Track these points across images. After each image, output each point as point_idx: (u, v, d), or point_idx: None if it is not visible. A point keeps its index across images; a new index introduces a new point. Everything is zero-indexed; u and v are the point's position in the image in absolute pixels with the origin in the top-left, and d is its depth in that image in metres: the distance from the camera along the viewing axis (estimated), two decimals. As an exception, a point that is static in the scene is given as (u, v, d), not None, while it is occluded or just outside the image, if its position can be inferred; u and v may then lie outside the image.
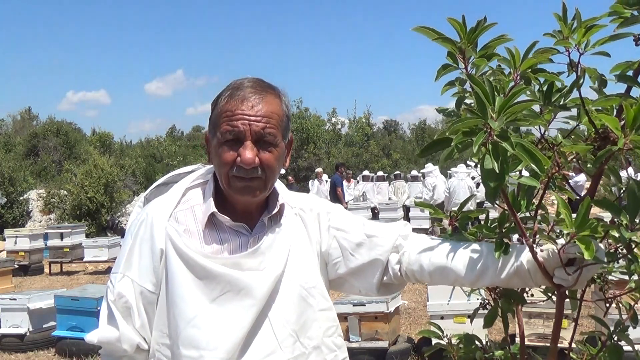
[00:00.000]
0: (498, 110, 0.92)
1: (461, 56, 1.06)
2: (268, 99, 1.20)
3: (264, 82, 1.24)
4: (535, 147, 0.92)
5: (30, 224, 16.67)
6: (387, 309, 4.62)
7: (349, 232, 1.31)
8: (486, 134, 0.91)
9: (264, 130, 1.17)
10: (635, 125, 0.91)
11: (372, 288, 1.31)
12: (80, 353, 5.24)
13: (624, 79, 1.04)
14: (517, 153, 0.91)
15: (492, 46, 1.08)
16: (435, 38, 1.06)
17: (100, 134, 30.06)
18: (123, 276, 1.22)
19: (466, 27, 1.05)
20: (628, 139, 0.91)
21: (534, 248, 1.06)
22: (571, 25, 1.05)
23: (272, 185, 1.25)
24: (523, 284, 1.16)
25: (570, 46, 1.06)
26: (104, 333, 1.22)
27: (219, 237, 1.23)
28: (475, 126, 0.93)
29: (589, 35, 1.04)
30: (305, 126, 26.53)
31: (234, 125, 1.17)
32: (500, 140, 0.91)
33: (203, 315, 1.16)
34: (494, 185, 0.94)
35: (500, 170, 0.92)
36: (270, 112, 1.19)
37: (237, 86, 1.21)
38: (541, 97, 1.09)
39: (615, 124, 0.92)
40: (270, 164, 1.19)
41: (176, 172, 1.37)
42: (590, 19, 1.04)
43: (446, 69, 1.09)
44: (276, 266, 1.21)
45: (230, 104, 1.18)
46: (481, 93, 0.93)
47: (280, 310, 1.20)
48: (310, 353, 1.23)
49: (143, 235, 1.23)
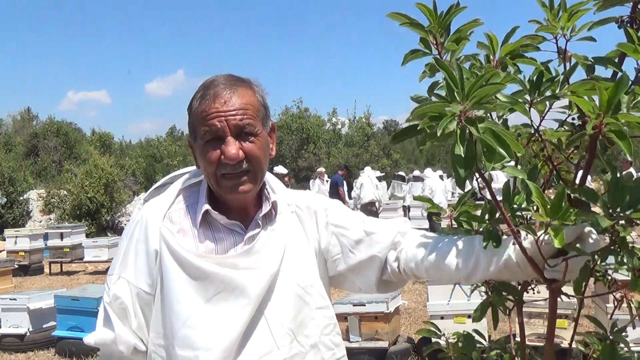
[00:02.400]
0: (467, 94, 0.88)
1: (434, 41, 1.03)
2: (240, 91, 1.20)
3: (234, 76, 1.24)
4: (508, 133, 0.89)
5: (30, 224, 16.65)
6: (387, 309, 4.61)
7: (348, 228, 1.31)
8: (452, 117, 0.88)
9: (241, 122, 1.17)
10: (609, 108, 0.87)
11: (372, 285, 1.30)
12: (80, 353, 5.23)
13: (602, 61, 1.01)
14: (485, 137, 0.87)
15: (464, 30, 1.04)
16: (403, 22, 1.03)
17: (100, 134, 30.04)
18: (119, 278, 1.22)
19: (437, 12, 1.02)
20: (600, 121, 0.87)
21: (519, 238, 1.03)
22: (557, 11, 1.02)
23: (262, 177, 1.24)
24: (514, 277, 1.14)
25: (556, 32, 1.02)
26: (100, 335, 1.22)
27: (214, 236, 1.22)
28: (441, 110, 0.89)
29: (574, 20, 1.01)
30: (305, 126, 26.56)
31: (211, 124, 1.16)
32: (467, 125, 0.87)
33: (198, 315, 1.16)
34: (463, 171, 0.90)
35: (467, 155, 0.89)
36: (245, 104, 1.18)
37: (208, 85, 1.20)
38: (531, 86, 1.05)
39: (588, 107, 0.89)
40: (255, 154, 1.19)
41: (174, 174, 1.37)
42: (576, 4, 1.01)
43: (414, 54, 1.06)
44: (271, 264, 1.21)
45: (203, 104, 1.18)
46: (448, 77, 0.90)
47: (277, 309, 1.20)
48: (308, 352, 1.22)
49: (138, 237, 1.23)
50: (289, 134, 26.74)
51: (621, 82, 0.87)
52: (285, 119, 27.62)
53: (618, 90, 0.87)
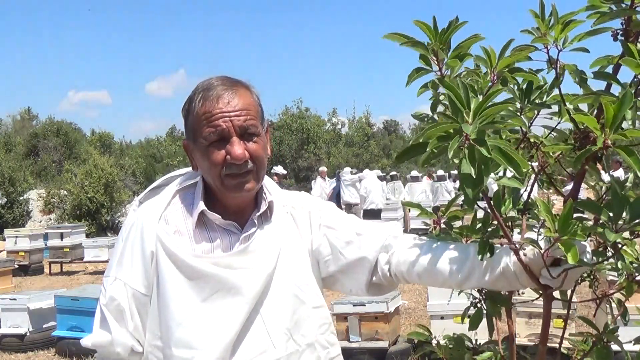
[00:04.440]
0: (473, 113, 0.90)
1: (434, 58, 1.04)
2: (240, 92, 1.21)
3: (231, 78, 1.25)
4: (513, 149, 0.90)
5: (30, 224, 16.66)
6: (387, 309, 4.62)
7: (339, 230, 1.32)
8: (461, 138, 0.89)
9: (245, 122, 1.18)
10: (615, 124, 0.89)
11: (362, 287, 1.31)
12: (80, 353, 5.23)
13: (602, 76, 1.02)
14: (494, 157, 0.89)
15: (465, 46, 1.05)
16: (403, 42, 1.04)
17: (100, 134, 30.05)
18: (115, 279, 1.23)
19: (437, 28, 1.03)
20: (607, 139, 0.89)
21: (518, 251, 1.05)
22: (548, 21, 1.03)
23: (263, 176, 1.26)
24: (509, 286, 1.16)
25: (549, 43, 1.04)
26: (97, 337, 1.23)
27: (209, 236, 1.23)
28: (451, 130, 0.91)
29: (567, 31, 1.02)
30: (306, 126, 26.53)
31: (216, 125, 1.17)
32: (477, 145, 0.89)
33: (194, 316, 1.17)
34: (472, 191, 0.91)
35: (477, 175, 0.90)
36: (247, 104, 1.21)
37: (207, 87, 1.21)
38: (521, 95, 1.07)
39: (594, 124, 0.91)
40: (258, 154, 1.21)
41: (169, 175, 1.38)
42: (568, 14, 1.02)
43: (419, 73, 1.07)
44: (267, 264, 1.22)
45: (206, 105, 1.19)
46: (454, 97, 0.91)
47: (273, 308, 1.21)
48: (304, 350, 1.23)
49: (134, 238, 1.23)
50: (289, 134, 26.71)
51: (626, 98, 0.89)
52: (285, 119, 27.59)
53: (623, 106, 0.89)
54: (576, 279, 1.05)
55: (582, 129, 1.02)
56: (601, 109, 1.00)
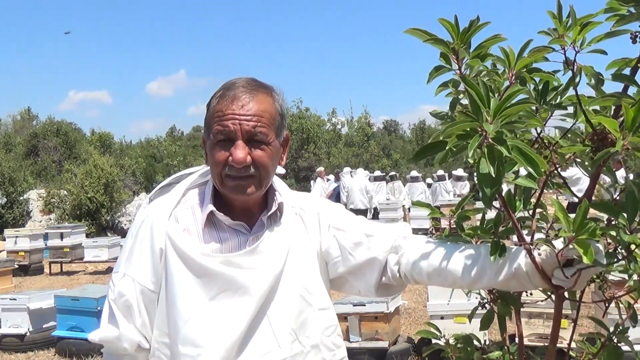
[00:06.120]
0: (493, 113, 0.90)
1: (454, 57, 1.04)
2: (259, 97, 1.20)
3: (256, 81, 1.24)
4: (531, 149, 0.90)
5: (30, 224, 16.64)
6: (387, 309, 4.62)
7: (349, 231, 1.31)
8: (481, 137, 0.89)
9: (254, 129, 1.17)
10: (634, 127, 0.89)
11: (371, 288, 1.31)
12: (81, 353, 5.24)
13: (620, 78, 1.02)
14: (514, 157, 0.89)
15: (486, 46, 1.05)
16: (426, 39, 1.04)
17: (100, 134, 30.02)
18: (124, 275, 1.23)
19: (459, 28, 1.03)
20: (627, 141, 0.89)
21: (532, 252, 1.05)
22: (566, 22, 1.03)
23: (268, 183, 1.25)
24: (521, 287, 1.15)
25: (566, 44, 1.04)
26: (105, 332, 1.23)
27: (218, 236, 1.23)
28: (470, 129, 0.91)
29: (584, 32, 1.02)
30: (305, 126, 26.52)
31: (225, 125, 1.17)
32: (496, 144, 0.89)
33: (201, 314, 1.17)
34: (490, 190, 0.91)
35: (496, 174, 0.90)
36: (261, 111, 1.19)
37: (229, 86, 1.21)
38: (537, 96, 1.07)
39: (614, 126, 0.90)
40: (263, 162, 1.19)
41: (180, 173, 1.39)
42: (586, 16, 1.02)
43: (439, 71, 1.07)
44: (275, 265, 1.21)
45: (221, 104, 1.19)
46: (475, 95, 0.91)
47: (280, 309, 1.21)
48: (309, 352, 1.23)
49: (143, 235, 1.23)
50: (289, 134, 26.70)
51: None
52: (285, 119, 27.56)
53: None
54: (588, 279, 1.04)
55: (599, 129, 1.01)
56: (618, 111, 0.99)
